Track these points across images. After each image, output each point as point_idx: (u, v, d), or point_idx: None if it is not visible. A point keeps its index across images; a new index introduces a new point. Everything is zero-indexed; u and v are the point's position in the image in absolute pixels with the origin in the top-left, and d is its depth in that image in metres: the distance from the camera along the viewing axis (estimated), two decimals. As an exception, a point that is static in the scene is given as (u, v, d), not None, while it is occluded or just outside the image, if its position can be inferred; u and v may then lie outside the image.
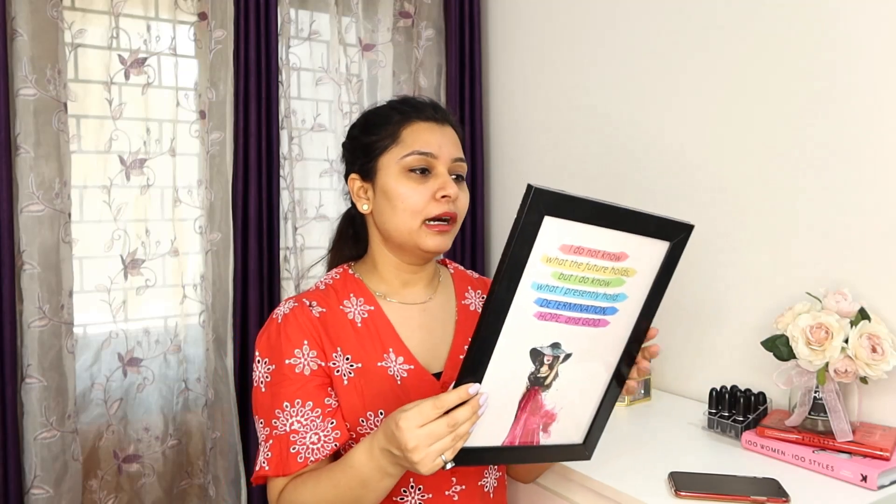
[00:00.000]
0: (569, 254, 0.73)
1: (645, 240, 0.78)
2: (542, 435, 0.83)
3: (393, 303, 1.04)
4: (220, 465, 1.85)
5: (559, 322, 0.77)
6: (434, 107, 1.04)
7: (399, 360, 0.99)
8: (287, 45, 1.94)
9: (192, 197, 1.86)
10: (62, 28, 1.62)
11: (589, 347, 0.82)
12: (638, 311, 0.84)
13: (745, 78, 1.48)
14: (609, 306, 0.80)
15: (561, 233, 0.72)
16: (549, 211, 0.70)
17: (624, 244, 0.77)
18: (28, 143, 1.57)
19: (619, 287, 0.79)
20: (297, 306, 0.99)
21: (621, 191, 1.77)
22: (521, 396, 0.80)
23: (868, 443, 1.11)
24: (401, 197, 0.97)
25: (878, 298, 1.24)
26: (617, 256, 0.77)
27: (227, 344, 1.84)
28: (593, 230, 0.74)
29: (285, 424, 0.93)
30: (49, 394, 1.60)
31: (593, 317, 0.79)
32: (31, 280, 1.58)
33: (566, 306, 0.76)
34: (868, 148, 1.28)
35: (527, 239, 0.70)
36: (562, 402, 0.84)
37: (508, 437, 0.82)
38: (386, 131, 1.00)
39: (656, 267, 0.82)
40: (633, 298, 0.82)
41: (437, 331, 1.04)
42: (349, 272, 1.07)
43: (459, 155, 1.01)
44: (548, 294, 0.74)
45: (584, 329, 0.79)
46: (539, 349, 0.78)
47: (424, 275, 1.07)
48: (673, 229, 0.81)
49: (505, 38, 2.19)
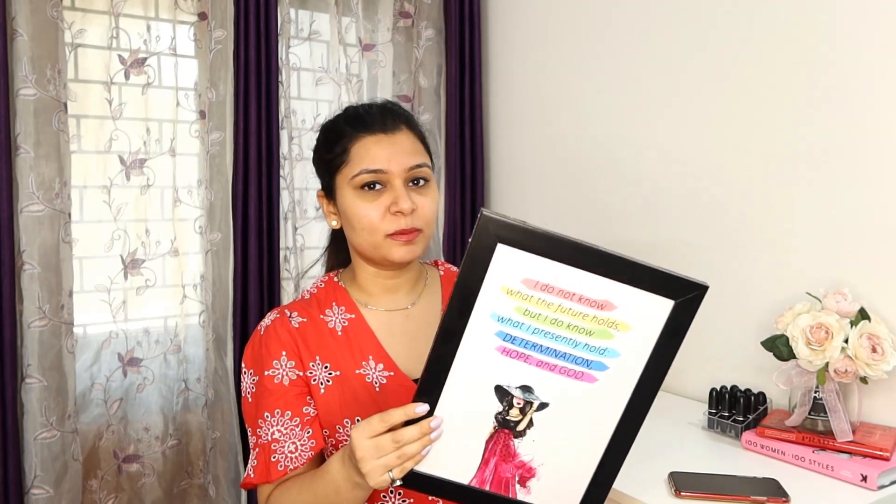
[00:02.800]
0: (534, 289, 0.71)
1: (639, 292, 0.71)
2: (521, 489, 0.79)
3: (375, 310, 1.03)
4: (220, 465, 1.85)
5: (529, 364, 0.74)
6: (384, 112, 0.99)
7: (379, 367, 0.99)
8: (287, 45, 1.94)
9: (192, 197, 1.86)
10: (62, 28, 1.62)
11: (572, 402, 0.75)
12: (636, 377, 0.75)
13: (744, 77, 1.48)
14: (595, 360, 0.74)
15: (522, 265, 0.70)
16: (503, 239, 0.69)
17: (608, 292, 0.71)
18: (28, 143, 1.57)
19: (606, 340, 0.73)
20: (278, 318, 1.01)
21: (621, 188, 1.77)
22: (489, 436, 0.78)
23: (868, 443, 1.11)
24: (356, 217, 0.95)
25: (878, 298, 1.24)
26: (600, 304, 0.71)
27: (227, 344, 1.84)
28: (565, 269, 0.70)
29: (267, 433, 0.95)
30: (49, 394, 1.60)
31: (574, 367, 0.74)
32: (31, 280, 1.58)
33: (536, 347, 0.73)
34: (868, 147, 1.28)
35: (478, 265, 0.69)
36: (542, 458, 0.78)
37: (476, 477, 0.79)
38: (339, 147, 0.98)
39: (657, 328, 0.73)
40: (629, 359, 0.74)
41: (421, 336, 1.03)
42: (334, 280, 1.07)
43: (416, 161, 0.97)
44: (512, 329, 0.72)
45: (563, 379, 0.74)
46: (506, 388, 0.75)
47: (405, 280, 1.05)
48: (679, 287, 0.71)
49: (505, 38, 2.19)
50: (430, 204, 0.98)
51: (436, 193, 1.01)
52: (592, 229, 1.86)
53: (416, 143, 1.00)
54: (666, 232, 1.65)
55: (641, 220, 1.72)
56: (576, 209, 1.92)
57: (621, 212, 1.78)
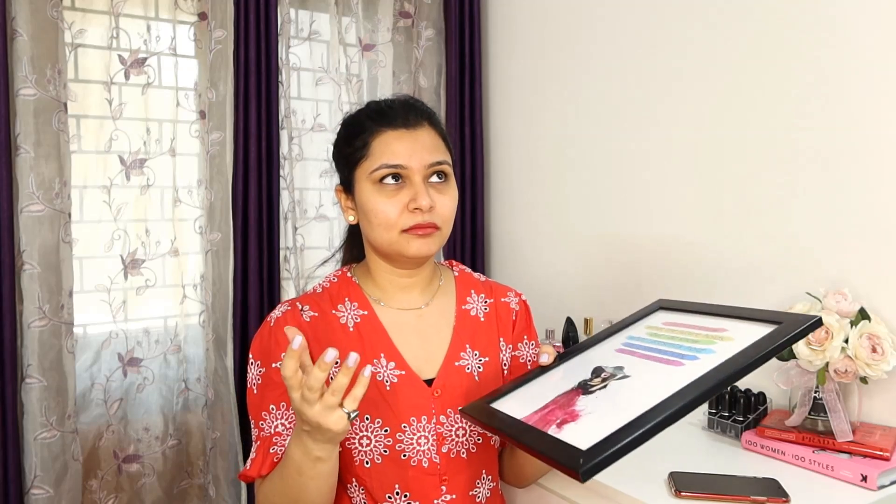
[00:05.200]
0: (669, 325, 0.93)
1: (753, 324, 0.85)
2: (555, 428, 0.79)
3: (388, 308, 1.03)
4: (220, 465, 1.85)
5: (633, 356, 0.89)
6: (407, 108, 0.99)
7: (390, 366, 0.98)
8: (287, 45, 1.94)
9: (192, 197, 1.86)
10: (62, 28, 1.62)
11: (650, 377, 0.83)
12: (718, 362, 0.79)
13: (745, 76, 1.48)
14: (690, 354, 0.84)
15: (669, 318, 0.96)
16: (664, 307, 1.00)
17: (727, 324, 0.88)
18: (28, 143, 1.57)
19: (707, 344, 0.85)
20: (289, 310, 1.00)
21: (621, 187, 1.77)
22: (562, 393, 0.86)
23: (868, 443, 1.11)
24: (373, 211, 0.95)
25: (878, 298, 1.24)
26: (715, 330, 0.87)
27: (227, 344, 1.84)
28: (701, 317, 0.92)
29: (271, 426, 0.94)
30: (49, 394, 1.60)
31: (668, 357, 0.85)
32: (31, 280, 1.58)
33: (644, 347, 0.90)
34: (869, 147, 1.28)
35: (638, 316, 0.99)
36: (592, 409, 0.80)
37: (529, 417, 0.83)
38: (360, 141, 0.98)
39: (757, 335, 0.81)
40: (720, 354, 0.81)
41: (433, 337, 1.03)
42: (347, 275, 1.06)
43: (436, 158, 0.96)
44: (635, 341, 0.93)
45: (653, 363, 0.86)
46: (601, 367, 0.89)
47: (420, 279, 1.04)
48: (788, 317, 0.83)
49: (505, 38, 2.19)
50: (449, 202, 0.98)
51: (455, 192, 1.00)
52: (592, 228, 1.86)
53: (437, 140, 0.99)
54: (666, 231, 1.65)
55: (642, 220, 1.72)
56: (576, 208, 1.92)
57: (621, 211, 1.78)
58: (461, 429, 0.99)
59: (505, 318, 1.09)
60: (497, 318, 1.08)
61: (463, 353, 1.03)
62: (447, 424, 0.98)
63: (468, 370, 1.02)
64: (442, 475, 0.98)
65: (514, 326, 1.09)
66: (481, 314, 1.07)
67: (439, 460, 0.97)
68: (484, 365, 1.04)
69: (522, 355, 1.09)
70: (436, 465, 0.97)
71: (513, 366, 1.08)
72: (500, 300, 1.10)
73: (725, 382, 0.75)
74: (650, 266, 1.69)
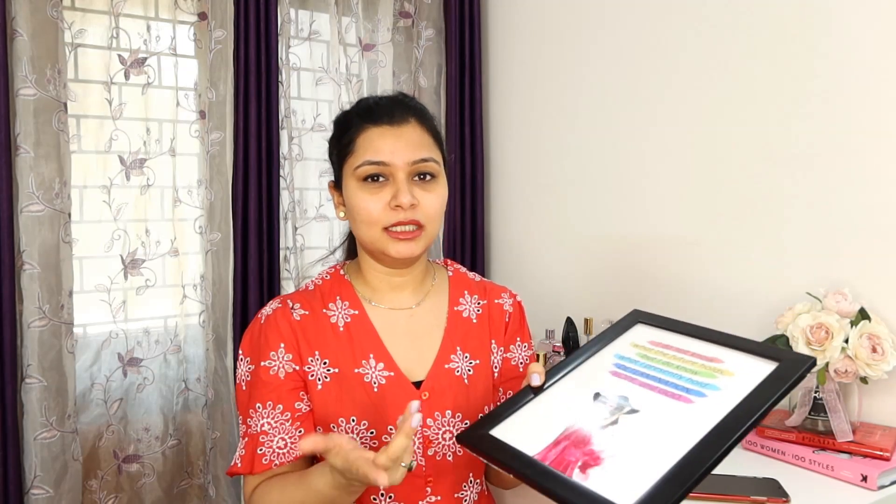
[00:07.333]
0: (657, 346, 0.89)
1: (747, 356, 0.82)
2: (578, 473, 0.77)
3: (379, 307, 1.02)
4: (220, 465, 1.85)
5: (633, 383, 0.85)
6: (393, 105, 0.98)
7: (379, 367, 0.97)
8: (287, 45, 1.94)
9: (192, 197, 1.86)
10: (62, 28, 1.62)
11: (662, 413, 0.80)
12: (733, 405, 0.78)
13: (746, 75, 1.48)
14: (695, 389, 0.81)
15: (652, 335, 0.91)
16: (642, 320, 0.94)
17: (718, 352, 0.84)
18: (28, 143, 1.57)
19: (709, 378, 0.82)
20: (280, 308, 0.99)
21: (621, 187, 1.77)
22: (570, 426, 0.82)
23: (868, 443, 1.11)
24: (356, 208, 0.95)
25: (878, 298, 1.24)
26: (710, 359, 0.84)
27: (227, 344, 1.84)
28: (686, 338, 0.88)
29: (257, 424, 0.94)
30: (49, 394, 1.60)
31: (673, 391, 0.82)
32: (31, 280, 1.58)
33: (643, 374, 0.86)
34: (869, 147, 1.28)
35: (618, 329, 0.93)
36: (614, 451, 0.78)
37: (541, 453, 0.81)
38: (346, 138, 0.97)
39: (761, 376, 0.79)
40: (729, 393, 0.79)
41: (424, 338, 1.01)
42: (340, 273, 1.05)
43: (421, 155, 0.95)
44: (627, 363, 0.88)
45: (659, 396, 0.82)
46: (601, 394, 0.85)
47: (411, 278, 1.03)
48: (785, 355, 0.81)
49: (505, 38, 2.19)
50: (434, 200, 0.96)
51: (443, 190, 0.98)
52: (592, 228, 1.86)
53: (424, 137, 0.98)
54: (666, 231, 1.65)
55: (642, 220, 1.72)
56: (576, 208, 1.92)
57: (621, 211, 1.78)
58: (448, 432, 0.98)
59: (497, 320, 1.07)
60: (489, 320, 1.06)
61: (453, 355, 1.01)
62: (434, 428, 0.97)
63: (458, 373, 1.01)
64: (427, 477, 0.97)
65: (506, 328, 1.08)
66: (474, 316, 1.06)
67: (425, 463, 0.97)
68: (474, 368, 1.02)
69: (514, 357, 1.08)
70: (421, 467, 0.96)
71: (504, 368, 1.06)
72: (493, 301, 1.08)
73: (744, 434, 0.76)
74: (650, 266, 1.69)
